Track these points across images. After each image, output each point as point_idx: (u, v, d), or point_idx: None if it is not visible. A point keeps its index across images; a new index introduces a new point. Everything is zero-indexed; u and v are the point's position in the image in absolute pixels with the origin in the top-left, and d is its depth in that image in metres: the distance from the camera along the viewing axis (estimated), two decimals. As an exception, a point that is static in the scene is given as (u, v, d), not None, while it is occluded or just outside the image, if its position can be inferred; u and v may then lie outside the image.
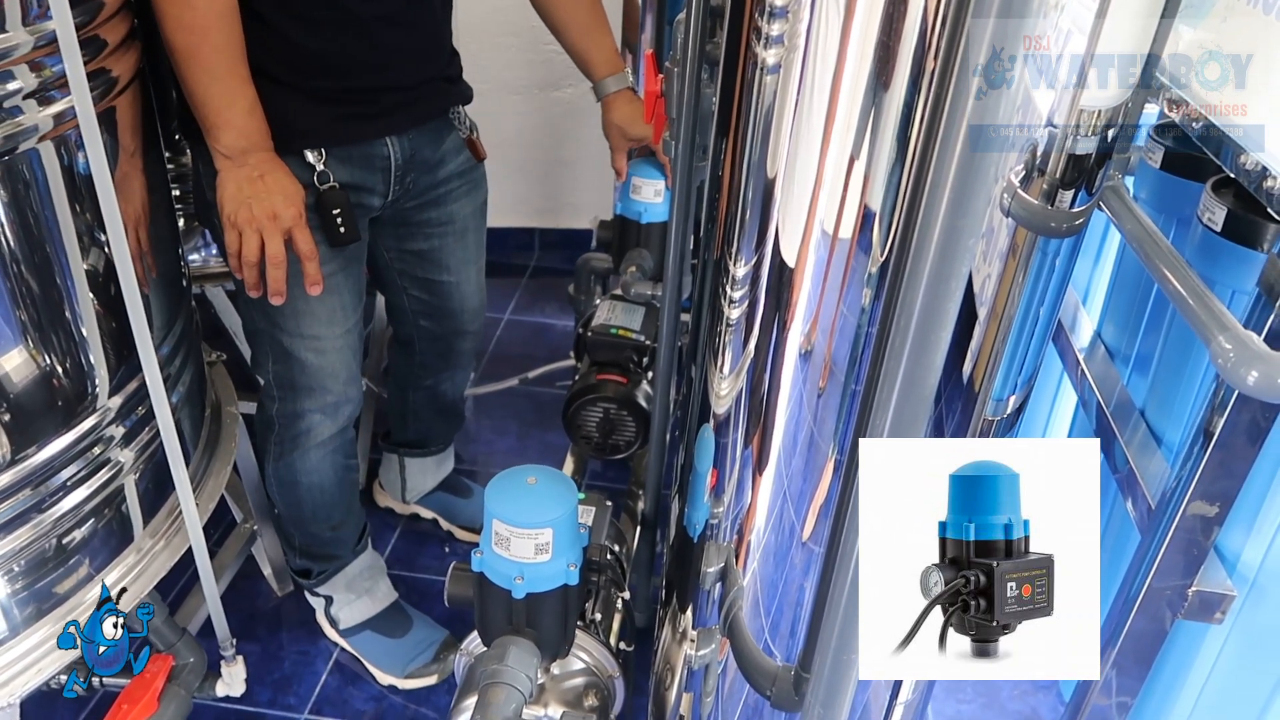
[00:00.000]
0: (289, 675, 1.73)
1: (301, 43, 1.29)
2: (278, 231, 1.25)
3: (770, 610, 1.00)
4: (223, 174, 1.25)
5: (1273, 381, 0.62)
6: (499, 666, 1.12)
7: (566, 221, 3.13)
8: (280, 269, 1.26)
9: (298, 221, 1.26)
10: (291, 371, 1.47)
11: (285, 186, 1.26)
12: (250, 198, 1.23)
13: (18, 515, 1.12)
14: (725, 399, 1.00)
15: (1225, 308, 0.68)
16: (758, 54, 0.79)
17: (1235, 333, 0.65)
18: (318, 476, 1.58)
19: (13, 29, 0.98)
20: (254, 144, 1.24)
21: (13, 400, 1.08)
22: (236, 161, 1.24)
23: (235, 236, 1.25)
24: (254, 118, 1.24)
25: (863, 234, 0.73)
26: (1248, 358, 0.63)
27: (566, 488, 1.15)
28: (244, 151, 1.24)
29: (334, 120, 1.35)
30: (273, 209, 1.24)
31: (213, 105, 1.22)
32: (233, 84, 1.22)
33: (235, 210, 1.24)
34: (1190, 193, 1.08)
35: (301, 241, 1.27)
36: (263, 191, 1.24)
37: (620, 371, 1.83)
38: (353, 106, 1.36)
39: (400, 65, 1.38)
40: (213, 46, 1.19)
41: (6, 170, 1.01)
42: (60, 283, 1.11)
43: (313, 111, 1.33)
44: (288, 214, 1.25)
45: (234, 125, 1.23)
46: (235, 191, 1.24)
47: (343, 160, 1.37)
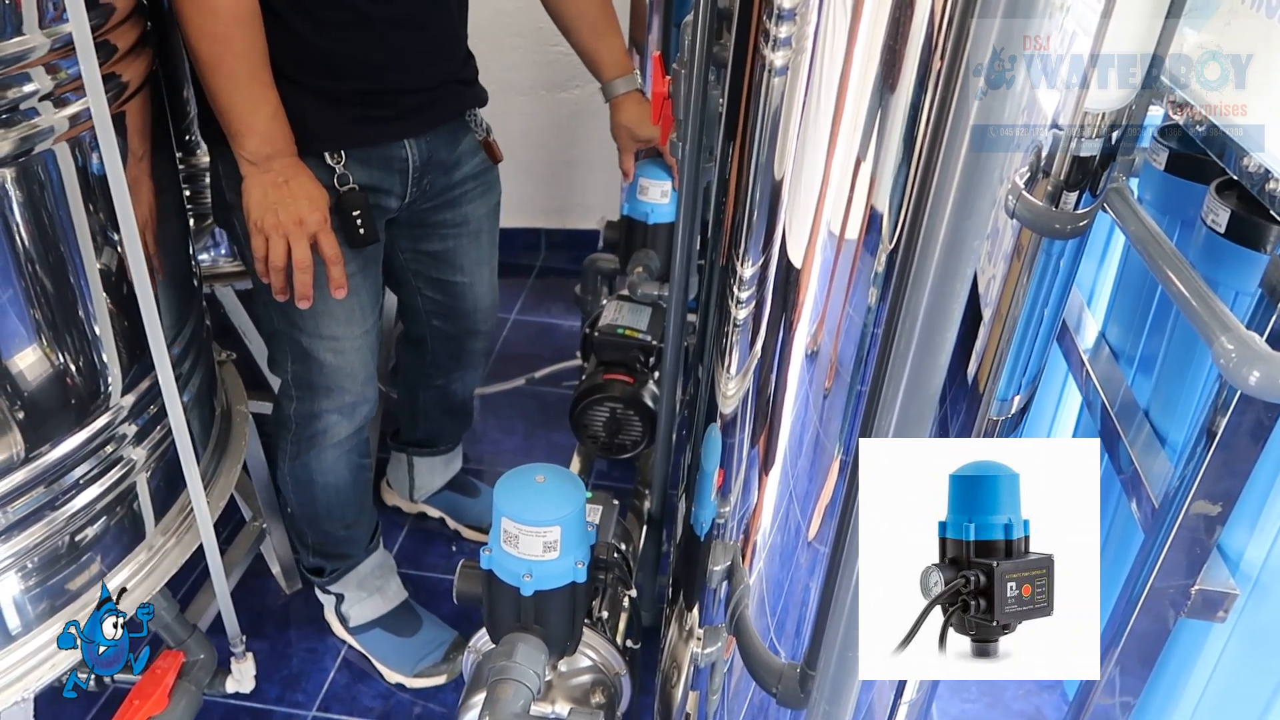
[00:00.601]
0: (297, 672, 1.74)
1: (318, 45, 1.29)
2: (304, 236, 1.26)
3: (776, 609, 1.01)
4: (248, 180, 1.26)
5: (1274, 382, 0.62)
6: (507, 663, 1.12)
7: (573, 222, 3.14)
8: (307, 273, 1.28)
9: (323, 226, 1.28)
10: (310, 371, 1.48)
11: (310, 191, 1.27)
12: (276, 203, 1.25)
13: (31, 513, 1.13)
14: (732, 399, 1.00)
15: (1228, 309, 0.69)
16: (765, 56, 0.80)
17: (1237, 333, 0.65)
18: (333, 476, 1.59)
19: (30, 32, 0.99)
20: (278, 149, 1.25)
21: (27, 399, 1.09)
22: (261, 167, 1.25)
23: (262, 242, 1.27)
24: (278, 123, 1.25)
25: (868, 235, 0.74)
26: (1250, 358, 0.63)
27: (575, 486, 1.16)
28: (269, 157, 1.25)
29: (352, 122, 1.36)
30: (299, 214, 1.25)
31: (237, 112, 1.23)
32: (256, 90, 1.23)
33: (262, 216, 1.25)
34: (1194, 194, 1.08)
35: (327, 246, 1.28)
36: (288, 197, 1.25)
37: (627, 371, 1.84)
38: (371, 109, 1.37)
39: (415, 68, 1.39)
40: (236, 54, 1.20)
41: (23, 171, 1.02)
42: (74, 282, 1.12)
43: (331, 114, 1.34)
44: (313, 219, 1.26)
45: (258, 131, 1.24)
46: (261, 197, 1.25)
47: (362, 162, 1.38)
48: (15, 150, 1.00)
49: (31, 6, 0.99)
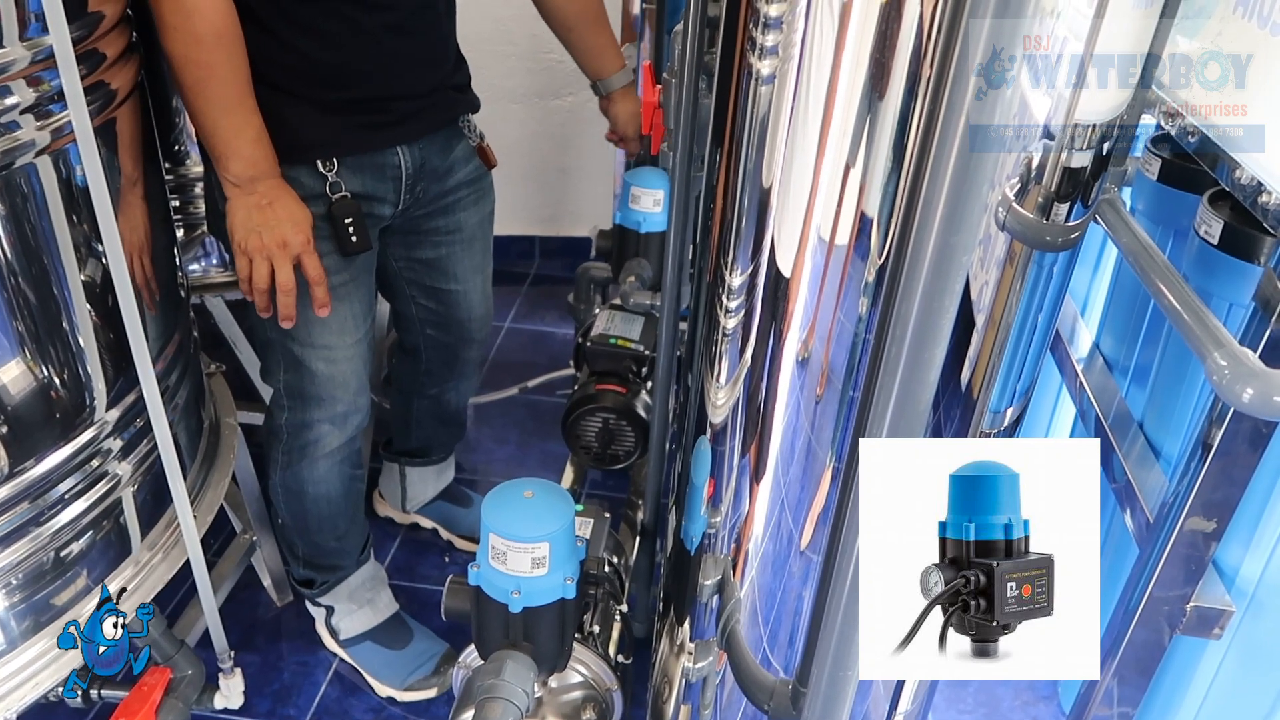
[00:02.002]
0: (288, 686, 1.73)
1: (309, 54, 1.29)
2: (287, 259, 1.27)
3: (768, 621, 1.00)
4: (232, 202, 1.27)
5: (1268, 399, 0.61)
6: (496, 681, 1.11)
7: (566, 229, 3.13)
8: (290, 295, 1.29)
9: (306, 248, 1.28)
10: (302, 381, 1.48)
11: (294, 213, 1.27)
12: (259, 226, 1.25)
13: (16, 528, 1.12)
14: (722, 408, 0.99)
15: (1221, 323, 0.68)
16: (752, 64, 0.79)
17: (1230, 349, 0.64)
18: (325, 487, 1.58)
19: (10, 44, 0.98)
20: (262, 172, 1.26)
21: (10, 413, 1.08)
22: (245, 189, 1.26)
23: (246, 263, 1.28)
24: (261, 146, 1.26)
25: (858, 242, 0.73)
26: (1243, 375, 0.62)
27: (563, 501, 1.14)
28: (252, 180, 1.25)
29: (345, 130, 1.36)
30: (282, 237, 1.26)
31: (221, 136, 1.23)
32: (240, 115, 1.23)
33: (245, 238, 1.26)
34: (1187, 205, 1.07)
35: (310, 267, 1.29)
36: (271, 220, 1.26)
37: (619, 381, 1.83)
38: (363, 116, 1.37)
39: (408, 73, 1.39)
40: (220, 79, 1.21)
41: (5, 184, 1.01)
42: (58, 296, 1.11)
43: (323, 122, 1.34)
44: (296, 241, 1.27)
45: (242, 155, 1.24)
46: (245, 219, 1.26)
47: (354, 170, 1.38)
48: (-3, 163, 0.99)
49: (12, 19, 0.98)
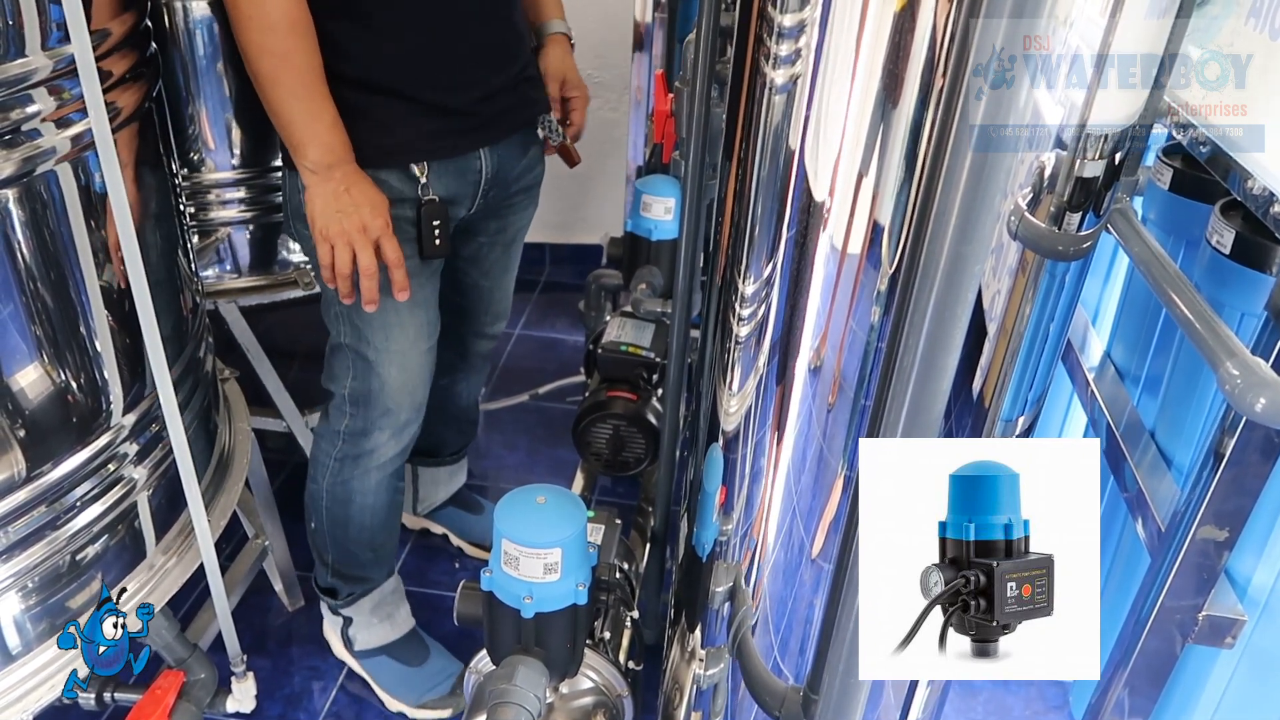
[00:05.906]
0: (299, 691, 1.73)
1: (405, 40, 1.30)
2: (368, 243, 1.28)
3: (779, 629, 1.00)
4: (310, 189, 1.28)
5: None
6: (508, 686, 1.11)
7: (578, 237, 3.14)
8: (373, 279, 1.30)
9: (385, 231, 1.30)
10: (370, 387, 1.48)
11: (372, 197, 1.29)
12: (339, 211, 1.27)
13: (32, 532, 1.12)
14: (734, 416, 1.00)
15: (1233, 333, 0.68)
16: (765, 73, 0.80)
17: (1243, 359, 0.64)
18: (372, 498, 1.58)
19: (32, 53, 0.99)
20: (339, 158, 1.27)
21: (28, 418, 1.09)
22: (323, 176, 1.27)
23: (327, 249, 1.29)
24: (337, 132, 1.27)
25: (871, 251, 0.73)
26: (1255, 384, 0.63)
27: (575, 507, 1.15)
28: (329, 166, 1.26)
29: (436, 134, 1.37)
30: (361, 221, 1.27)
31: (298, 123, 1.25)
32: (316, 101, 1.25)
33: (326, 224, 1.27)
34: (1199, 215, 1.08)
35: (389, 250, 1.30)
36: (350, 204, 1.27)
37: (630, 388, 1.83)
38: (455, 119, 1.38)
39: (492, 63, 1.39)
40: (295, 67, 1.22)
41: (25, 191, 1.03)
42: (75, 301, 1.12)
43: (419, 125, 1.35)
44: (376, 224, 1.28)
45: (320, 140, 1.25)
46: (324, 205, 1.27)
47: (440, 174, 1.39)
48: (18, 171, 1.00)
49: (34, 28, 0.99)
